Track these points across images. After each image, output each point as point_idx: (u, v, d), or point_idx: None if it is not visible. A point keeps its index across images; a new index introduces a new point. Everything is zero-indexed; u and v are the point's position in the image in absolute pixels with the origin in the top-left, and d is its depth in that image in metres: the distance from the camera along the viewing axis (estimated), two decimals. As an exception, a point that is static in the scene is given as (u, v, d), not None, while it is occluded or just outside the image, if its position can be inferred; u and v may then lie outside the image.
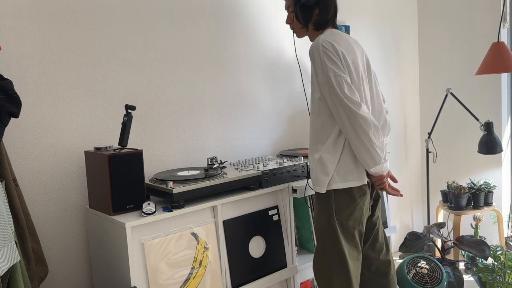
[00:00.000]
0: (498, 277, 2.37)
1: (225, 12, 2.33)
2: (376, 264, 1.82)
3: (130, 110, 1.69)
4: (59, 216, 1.84)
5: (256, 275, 1.92)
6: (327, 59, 1.59)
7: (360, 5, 3.03)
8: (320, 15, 1.73)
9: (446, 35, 3.32)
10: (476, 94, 3.16)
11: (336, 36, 1.67)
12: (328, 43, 1.62)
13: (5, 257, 1.24)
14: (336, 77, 1.58)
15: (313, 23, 1.76)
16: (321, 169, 1.65)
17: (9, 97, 1.42)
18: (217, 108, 2.32)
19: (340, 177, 1.65)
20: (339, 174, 1.65)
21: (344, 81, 1.58)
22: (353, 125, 1.57)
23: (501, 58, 2.50)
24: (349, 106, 1.56)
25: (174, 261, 1.67)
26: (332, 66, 1.59)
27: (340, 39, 1.67)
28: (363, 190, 1.69)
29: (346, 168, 1.65)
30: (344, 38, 1.70)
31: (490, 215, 3.07)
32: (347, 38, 1.72)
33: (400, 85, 3.38)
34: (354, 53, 1.68)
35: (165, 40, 2.12)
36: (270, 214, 2.00)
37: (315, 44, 1.65)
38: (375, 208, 1.82)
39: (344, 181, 1.65)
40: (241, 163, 2.18)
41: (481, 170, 3.20)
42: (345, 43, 1.67)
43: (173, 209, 1.69)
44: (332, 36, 1.67)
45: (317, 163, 1.66)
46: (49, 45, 1.79)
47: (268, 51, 2.53)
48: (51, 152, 1.81)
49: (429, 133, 3.09)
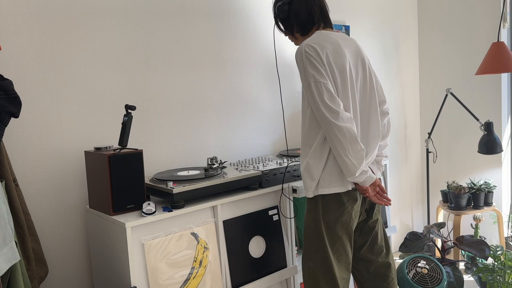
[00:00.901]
0: (498, 277, 2.37)
1: (225, 12, 2.33)
2: (375, 266, 1.81)
3: (130, 110, 1.69)
4: (59, 216, 1.84)
5: (256, 275, 1.92)
6: (309, 64, 1.57)
7: (360, 5, 3.03)
8: (297, 23, 1.73)
9: (446, 35, 3.32)
10: (476, 94, 3.16)
11: (322, 38, 1.63)
12: (310, 47, 1.59)
13: (5, 257, 1.24)
14: (316, 83, 1.56)
15: (296, 31, 1.76)
16: (307, 174, 1.65)
17: (9, 97, 1.42)
18: (217, 108, 2.32)
19: (326, 182, 1.63)
20: (324, 179, 1.63)
21: (324, 87, 1.55)
22: (328, 133, 1.56)
23: (501, 58, 2.50)
24: (325, 115, 1.53)
25: (174, 261, 1.67)
26: (313, 72, 1.56)
27: (326, 41, 1.62)
28: (352, 195, 1.67)
29: (331, 173, 1.63)
30: (332, 39, 1.64)
31: (490, 215, 3.07)
32: (335, 39, 1.65)
33: (400, 85, 3.38)
34: (342, 54, 1.62)
35: (165, 40, 2.12)
36: (270, 214, 2.00)
37: (298, 49, 1.63)
38: (372, 212, 1.80)
39: (329, 186, 1.63)
40: (241, 163, 2.18)
41: (481, 170, 3.21)
42: (331, 44, 1.62)
43: (173, 209, 1.69)
44: (317, 38, 1.63)
45: (304, 168, 1.67)
46: (49, 45, 1.79)
47: (268, 51, 2.53)
48: (51, 152, 1.81)
49: (429, 133, 3.09)
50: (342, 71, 1.60)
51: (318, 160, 1.64)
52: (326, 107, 1.54)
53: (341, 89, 1.61)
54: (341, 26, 2.86)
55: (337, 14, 2.86)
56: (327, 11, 1.76)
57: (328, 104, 1.54)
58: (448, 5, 3.28)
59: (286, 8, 1.72)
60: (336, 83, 1.60)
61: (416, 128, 3.57)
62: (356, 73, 1.68)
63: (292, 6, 1.71)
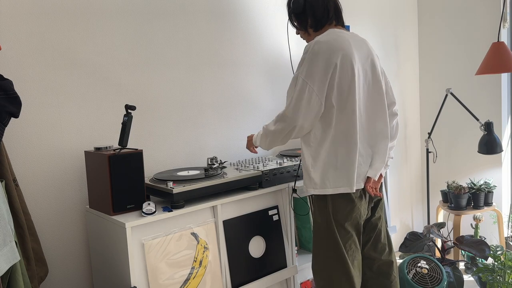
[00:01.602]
0: (498, 277, 2.37)
1: (225, 12, 2.33)
2: (378, 264, 1.82)
3: (130, 110, 1.69)
4: (59, 216, 1.84)
5: (256, 275, 1.92)
6: (310, 62, 1.60)
7: (360, 5, 3.03)
8: (312, 17, 1.74)
9: (446, 35, 3.32)
10: (476, 94, 3.16)
11: (333, 36, 1.63)
12: (322, 43, 1.60)
13: (5, 257, 1.24)
14: (304, 82, 1.59)
15: (309, 26, 1.76)
16: (306, 170, 1.71)
17: (9, 97, 1.42)
18: (217, 108, 2.32)
19: (332, 182, 1.65)
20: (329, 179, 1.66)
21: (308, 92, 1.59)
22: (279, 122, 1.69)
23: (501, 58, 2.50)
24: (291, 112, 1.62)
25: (174, 261, 1.67)
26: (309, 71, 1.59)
27: (337, 40, 1.62)
28: (359, 193, 1.70)
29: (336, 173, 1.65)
30: (344, 38, 1.65)
31: (490, 215, 3.07)
32: (347, 38, 1.65)
33: (400, 85, 3.38)
34: (351, 54, 1.61)
35: (165, 40, 2.11)
36: (270, 214, 2.00)
37: (309, 44, 1.65)
38: (375, 209, 1.82)
39: (337, 186, 1.66)
40: (241, 163, 2.18)
41: (481, 170, 3.20)
42: (341, 44, 1.62)
43: (173, 209, 1.69)
44: (328, 36, 1.64)
45: (303, 166, 1.73)
46: (49, 45, 1.79)
47: (268, 51, 2.53)
48: (51, 152, 1.81)
49: (429, 133, 3.09)
50: (349, 71, 1.60)
51: (316, 156, 1.67)
52: (296, 108, 1.61)
53: (346, 87, 1.61)
54: (341, 26, 2.86)
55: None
56: (340, 9, 1.78)
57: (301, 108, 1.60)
58: (448, 5, 3.28)
59: (301, 2, 1.73)
60: (340, 81, 1.60)
61: (416, 128, 3.57)
62: (365, 73, 1.68)
63: (308, 0, 1.72)
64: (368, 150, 1.71)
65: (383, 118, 1.72)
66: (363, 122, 1.68)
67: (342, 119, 1.63)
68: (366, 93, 1.69)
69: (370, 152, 1.72)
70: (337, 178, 1.65)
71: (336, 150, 1.64)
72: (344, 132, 1.63)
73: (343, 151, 1.64)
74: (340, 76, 1.59)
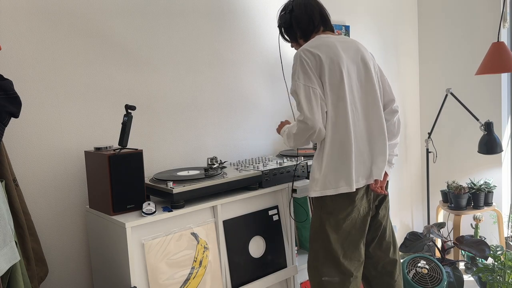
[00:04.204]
0: (498, 277, 2.38)
1: (225, 12, 2.33)
2: (383, 263, 1.83)
3: (130, 110, 1.69)
4: (59, 216, 1.84)
5: (256, 275, 1.92)
6: (301, 68, 1.64)
7: (360, 5, 3.03)
8: (299, 29, 1.79)
9: (446, 35, 3.32)
10: (476, 94, 3.16)
11: (318, 42, 1.68)
12: (306, 51, 1.65)
13: (5, 257, 1.24)
14: (305, 87, 1.62)
15: (299, 37, 1.82)
16: (312, 174, 1.73)
17: (9, 97, 1.42)
18: (217, 108, 2.32)
19: (332, 183, 1.67)
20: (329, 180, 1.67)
21: (313, 91, 1.61)
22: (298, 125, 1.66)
23: (501, 58, 2.50)
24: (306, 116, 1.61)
25: (174, 261, 1.67)
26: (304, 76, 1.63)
27: (323, 44, 1.67)
28: (359, 192, 1.70)
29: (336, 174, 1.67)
30: (330, 42, 1.69)
31: (490, 215, 3.07)
32: (333, 41, 1.69)
33: (400, 85, 3.38)
34: (339, 56, 1.65)
35: (165, 40, 2.12)
36: (270, 214, 2.00)
37: (296, 53, 1.69)
38: (379, 207, 1.83)
39: (336, 186, 1.67)
40: (241, 163, 2.18)
41: (481, 170, 3.20)
42: (328, 47, 1.66)
43: (173, 209, 1.69)
44: (314, 42, 1.69)
45: (311, 168, 1.75)
46: (49, 45, 1.79)
47: (268, 51, 2.53)
48: (51, 152, 1.81)
49: (429, 133, 3.09)
50: (337, 72, 1.64)
51: (320, 161, 1.69)
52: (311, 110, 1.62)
53: (336, 89, 1.65)
54: (341, 26, 2.86)
55: (337, 14, 2.86)
56: (327, 15, 1.82)
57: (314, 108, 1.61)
58: (448, 5, 3.28)
59: (288, 17, 1.79)
60: (330, 84, 1.64)
61: (416, 128, 3.57)
62: (357, 73, 1.71)
63: (293, 13, 1.78)
64: (367, 148, 1.72)
65: (378, 115, 1.74)
66: (359, 121, 1.70)
67: (336, 120, 1.66)
68: (359, 92, 1.72)
69: (369, 150, 1.73)
70: (337, 179, 1.67)
71: (334, 151, 1.67)
72: (339, 132, 1.66)
73: (339, 151, 1.66)
74: (329, 78, 1.64)
